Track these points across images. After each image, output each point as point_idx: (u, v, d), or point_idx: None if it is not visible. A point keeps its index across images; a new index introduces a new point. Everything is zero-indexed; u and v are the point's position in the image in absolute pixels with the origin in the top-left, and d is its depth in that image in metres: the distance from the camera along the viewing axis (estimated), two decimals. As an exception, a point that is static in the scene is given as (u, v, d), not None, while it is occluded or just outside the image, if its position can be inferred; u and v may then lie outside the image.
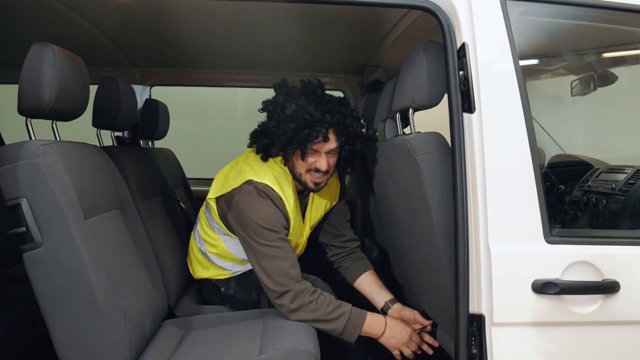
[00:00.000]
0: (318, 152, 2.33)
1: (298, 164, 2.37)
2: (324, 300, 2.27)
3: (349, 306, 2.31)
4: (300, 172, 2.38)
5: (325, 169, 2.33)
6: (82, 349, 1.81)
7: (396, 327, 2.38)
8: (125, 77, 3.66)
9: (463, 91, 1.83)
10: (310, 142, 2.28)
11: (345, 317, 2.27)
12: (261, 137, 2.37)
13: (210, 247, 2.60)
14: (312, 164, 2.34)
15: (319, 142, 2.29)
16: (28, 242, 1.73)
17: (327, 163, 2.34)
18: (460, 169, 1.84)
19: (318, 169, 2.34)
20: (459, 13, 1.85)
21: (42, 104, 1.79)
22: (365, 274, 2.71)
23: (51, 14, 2.55)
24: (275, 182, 2.35)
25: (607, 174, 2.69)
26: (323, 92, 2.37)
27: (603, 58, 2.96)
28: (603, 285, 1.80)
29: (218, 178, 2.51)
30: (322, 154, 2.33)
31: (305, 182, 2.39)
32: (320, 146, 2.31)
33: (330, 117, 2.27)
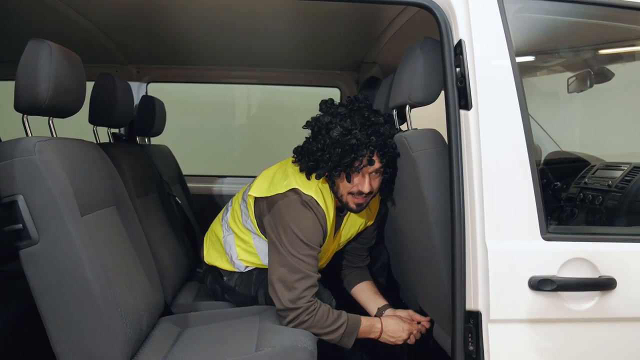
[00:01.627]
0: (362, 174, 2.30)
1: (342, 185, 2.34)
2: (322, 316, 2.24)
3: (344, 317, 2.29)
4: (342, 194, 2.35)
5: (368, 191, 2.30)
6: (79, 346, 1.81)
7: (391, 326, 2.39)
8: (122, 73, 3.65)
9: (460, 88, 1.83)
10: (355, 166, 2.25)
11: (342, 329, 2.26)
12: (305, 157, 2.34)
13: (239, 240, 2.60)
14: (355, 186, 2.31)
15: (365, 165, 2.26)
16: (24, 239, 1.72)
17: (370, 185, 2.30)
18: (457, 166, 1.84)
19: (361, 191, 2.31)
20: (456, 10, 1.85)
21: (39, 101, 1.79)
22: (363, 282, 2.72)
23: (48, 11, 2.54)
24: (320, 196, 2.34)
25: (603, 170, 2.69)
26: (369, 111, 2.33)
27: (599, 55, 2.96)
28: (599, 281, 1.81)
29: (263, 178, 2.50)
30: (365, 176, 2.30)
31: (347, 202, 2.37)
32: (365, 169, 2.28)
33: (375, 140, 2.23)
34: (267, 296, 2.45)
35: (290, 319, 2.21)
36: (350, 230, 2.62)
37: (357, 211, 2.40)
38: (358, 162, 2.24)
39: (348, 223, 2.59)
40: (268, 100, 5.23)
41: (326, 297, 2.44)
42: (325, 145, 2.25)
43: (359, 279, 2.73)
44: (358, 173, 2.29)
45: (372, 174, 2.31)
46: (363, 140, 2.21)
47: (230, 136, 5.31)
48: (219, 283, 2.69)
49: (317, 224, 2.29)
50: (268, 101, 5.23)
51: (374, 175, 2.31)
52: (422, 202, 2.03)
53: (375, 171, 2.30)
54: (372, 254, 2.88)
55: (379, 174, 2.33)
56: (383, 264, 2.95)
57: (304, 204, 2.29)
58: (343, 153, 2.21)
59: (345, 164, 2.23)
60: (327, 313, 2.25)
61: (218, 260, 2.68)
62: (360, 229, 2.67)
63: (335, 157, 2.22)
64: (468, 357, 1.87)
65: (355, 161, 2.24)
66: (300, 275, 2.23)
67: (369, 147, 2.22)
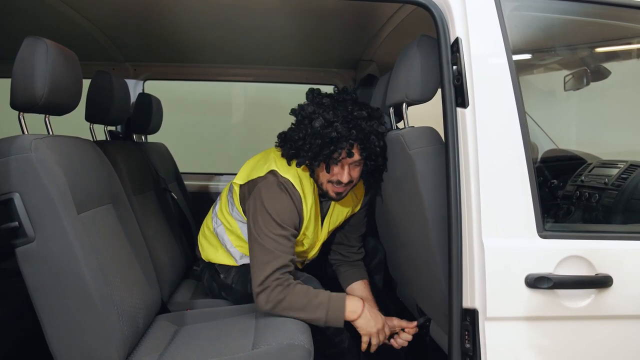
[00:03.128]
0: (341, 164, 2.34)
1: (321, 174, 2.38)
2: (298, 293, 2.25)
3: (326, 294, 2.30)
4: (322, 182, 2.40)
5: (346, 181, 2.35)
6: (75, 344, 1.81)
7: (372, 313, 2.37)
8: (118, 71, 3.65)
9: (456, 86, 1.83)
10: (334, 157, 2.30)
11: (324, 306, 2.26)
12: (288, 144, 2.39)
13: (227, 229, 2.63)
14: (335, 176, 2.36)
15: (343, 158, 2.31)
16: (20, 237, 1.72)
17: (349, 175, 2.35)
18: (454, 164, 1.84)
19: (340, 181, 2.35)
20: (453, 8, 1.85)
21: (35, 98, 1.79)
22: (357, 282, 2.75)
23: (44, 8, 2.54)
24: (297, 180, 2.38)
25: (600, 168, 2.70)
26: (353, 103, 2.37)
27: (596, 53, 2.97)
28: (596, 279, 1.81)
29: (247, 165, 2.57)
30: (344, 167, 2.34)
31: (327, 191, 2.41)
32: (345, 160, 2.33)
33: (356, 133, 2.27)
34: None
35: (264, 300, 2.23)
36: (338, 217, 2.66)
37: (337, 199, 2.45)
38: (337, 154, 2.29)
39: (335, 211, 2.63)
40: (264, 98, 5.23)
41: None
42: (307, 135, 2.30)
43: (353, 278, 2.75)
44: (337, 164, 2.33)
45: (352, 165, 2.35)
46: (343, 134, 2.25)
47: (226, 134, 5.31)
48: (215, 280, 2.69)
49: (292, 206, 2.34)
50: (264, 99, 5.23)
51: (353, 166, 2.36)
52: (419, 200, 2.03)
53: (355, 162, 2.35)
54: (368, 252, 2.88)
55: (359, 165, 2.38)
56: (380, 261, 2.96)
57: (280, 186, 2.35)
58: (323, 144, 2.26)
59: (324, 155, 2.28)
60: (304, 291, 2.27)
61: (213, 254, 2.69)
62: (347, 216, 2.71)
63: (315, 148, 2.27)
64: (465, 354, 1.87)
65: (335, 153, 2.28)
66: (272, 256, 2.26)
67: (348, 140, 2.27)
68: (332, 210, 2.62)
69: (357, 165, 2.37)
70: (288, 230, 2.32)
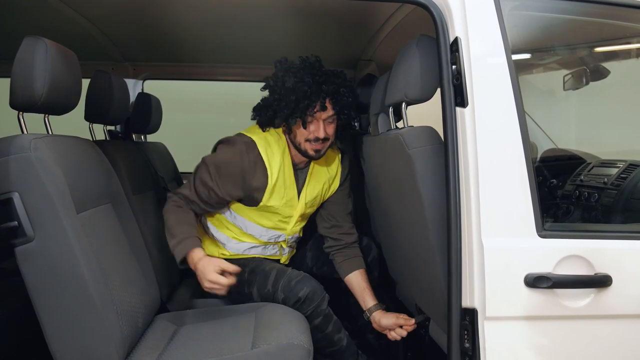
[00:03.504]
0: (317, 120, 2.50)
1: (299, 133, 2.53)
2: (177, 216, 2.52)
3: (186, 234, 2.46)
4: (300, 142, 2.54)
5: (323, 136, 2.50)
6: (75, 344, 1.81)
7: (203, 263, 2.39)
8: (118, 70, 3.64)
9: (456, 85, 1.83)
10: (309, 111, 2.46)
11: (177, 239, 2.44)
12: (264, 111, 2.56)
13: (208, 216, 2.76)
14: (312, 133, 2.51)
15: (318, 110, 2.47)
16: (20, 237, 1.72)
17: (324, 131, 2.50)
18: (453, 163, 1.84)
19: (317, 137, 2.50)
20: (452, 7, 1.85)
21: (34, 98, 1.79)
22: (353, 274, 2.75)
23: (43, 8, 2.53)
24: (263, 142, 2.56)
25: (599, 168, 2.70)
26: (320, 66, 2.55)
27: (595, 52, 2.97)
28: (595, 279, 1.81)
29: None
30: (320, 122, 2.50)
31: (306, 150, 2.55)
32: (319, 115, 2.49)
33: (326, 88, 2.46)
34: (262, 294, 2.51)
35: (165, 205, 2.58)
36: (315, 188, 2.75)
37: (316, 157, 2.58)
38: (311, 108, 2.46)
39: (311, 181, 2.74)
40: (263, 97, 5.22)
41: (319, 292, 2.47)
42: (282, 94, 2.48)
43: (351, 269, 2.77)
44: (313, 119, 2.50)
45: (327, 121, 2.53)
46: (315, 88, 2.45)
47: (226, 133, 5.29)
48: None
49: (238, 160, 2.51)
50: (263, 98, 5.22)
51: (328, 122, 2.53)
52: (418, 200, 2.03)
53: (329, 118, 2.53)
54: (362, 250, 2.88)
55: (333, 121, 2.56)
56: (373, 259, 2.97)
57: (239, 142, 2.54)
58: (297, 100, 2.44)
59: (300, 109, 2.45)
60: (181, 219, 2.52)
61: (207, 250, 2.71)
62: (325, 192, 2.81)
63: (291, 104, 2.45)
64: (464, 354, 1.87)
65: (309, 107, 2.45)
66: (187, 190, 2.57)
67: (320, 94, 2.45)
68: (308, 181, 2.72)
69: (331, 121, 2.55)
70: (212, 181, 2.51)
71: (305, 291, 2.42)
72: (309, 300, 2.42)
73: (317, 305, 2.43)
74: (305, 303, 2.42)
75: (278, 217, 2.66)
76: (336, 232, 2.84)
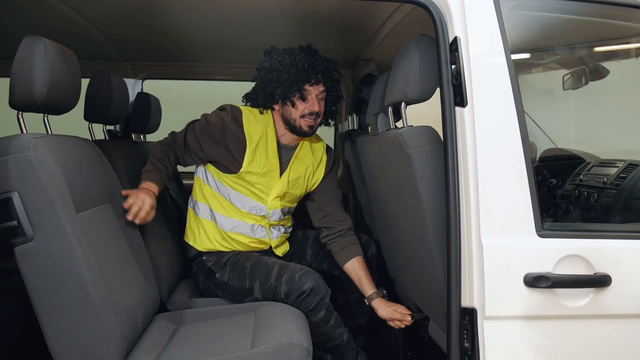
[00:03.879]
0: (311, 95, 2.67)
1: (294, 110, 2.68)
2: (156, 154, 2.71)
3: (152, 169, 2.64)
4: (295, 118, 2.68)
5: (317, 109, 2.67)
6: (74, 343, 1.81)
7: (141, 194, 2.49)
8: (117, 70, 3.65)
9: (455, 85, 1.83)
10: (308, 84, 2.64)
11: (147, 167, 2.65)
12: (260, 92, 2.73)
13: (195, 194, 2.90)
14: (307, 108, 2.66)
15: (314, 84, 2.66)
16: (19, 236, 1.72)
17: (319, 105, 2.68)
18: (453, 163, 1.84)
19: (312, 111, 2.66)
20: (451, 7, 1.85)
21: (34, 98, 1.79)
22: (351, 262, 2.79)
23: (43, 7, 2.53)
24: (249, 112, 2.74)
25: (598, 167, 2.70)
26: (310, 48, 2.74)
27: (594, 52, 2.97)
28: (594, 278, 1.81)
29: None
30: (314, 97, 2.67)
31: (300, 126, 2.69)
32: (314, 89, 2.66)
33: (319, 64, 2.65)
34: (264, 288, 2.52)
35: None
36: (298, 169, 2.84)
37: (309, 133, 2.73)
38: (309, 82, 2.65)
39: (295, 162, 2.84)
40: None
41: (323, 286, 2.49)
42: (280, 71, 2.64)
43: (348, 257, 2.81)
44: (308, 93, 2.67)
45: (318, 97, 2.69)
46: (311, 63, 2.64)
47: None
48: (211, 280, 2.71)
49: (220, 123, 2.67)
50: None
51: (319, 99, 2.69)
52: (417, 199, 2.03)
53: (320, 94, 2.70)
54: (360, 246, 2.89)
55: (322, 99, 2.72)
56: (372, 256, 2.98)
57: (228, 108, 2.73)
58: (297, 73, 2.62)
59: (301, 81, 2.63)
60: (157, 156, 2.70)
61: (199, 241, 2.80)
62: (310, 177, 2.90)
63: (292, 77, 2.63)
64: (463, 353, 1.87)
65: (308, 80, 2.64)
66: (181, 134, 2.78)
67: (315, 68, 2.64)
68: (292, 162, 2.82)
69: (322, 99, 2.71)
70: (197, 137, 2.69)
71: (309, 284, 2.43)
72: (314, 293, 2.43)
73: (320, 299, 2.44)
74: (310, 296, 2.43)
75: (258, 187, 2.73)
76: (330, 221, 2.90)
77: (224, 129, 2.66)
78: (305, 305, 2.42)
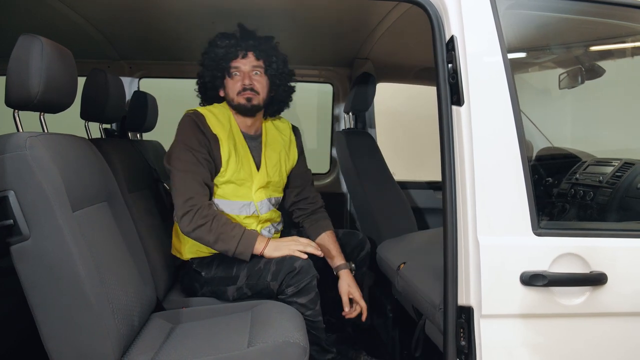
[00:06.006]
0: (242, 72, 2.67)
1: (230, 90, 2.70)
2: (219, 221, 2.47)
3: (242, 229, 2.51)
4: (233, 97, 2.69)
5: (248, 82, 2.65)
6: (70, 342, 1.81)
7: (277, 242, 2.55)
8: (114, 69, 3.64)
9: (452, 84, 1.84)
10: (234, 60, 2.66)
11: (237, 238, 2.46)
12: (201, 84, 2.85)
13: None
14: (238, 82, 2.67)
15: (241, 58, 2.66)
16: (15, 235, 1.72)
17: (250, 79, 2.66)
18: (449, 162, 1.84)
19: (244, 85, 2.65)
20: (448, 6, 1.85)
21: (30, 96, 1.78)
22: (321, 236, 2.88)
23: (39, 6, 2.53)
24: (206, 111, 2.69)
25: (594, 166, 2.70)
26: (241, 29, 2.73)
27: (591, 51, 2.97)
28: (590, 277, 1.82)
29: None
30: (246, 72, 2.67)
31: (239, 103, 2.67)
32: (243, 63, 2.66)
33: (245, 40, 2.67)
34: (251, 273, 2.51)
35: (188, 221, 2.45)
36: (273, 156, 2.84)
37: (249, 107, 2.68)
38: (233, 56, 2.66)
39: (268, 149, 2.83)
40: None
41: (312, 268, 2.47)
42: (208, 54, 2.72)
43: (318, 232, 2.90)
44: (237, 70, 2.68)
45: (253, 73, 2.69)
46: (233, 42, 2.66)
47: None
48: (197, 281, 2.67)
49: (197, 130, 2.59)
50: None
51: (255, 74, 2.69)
52: None
53: (255, 69, 2.69)
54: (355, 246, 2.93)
55: (260, 74, 2.71)
56: (367, 254, 2.98)
57: (188, 117, 2.63)
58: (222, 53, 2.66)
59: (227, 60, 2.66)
60: (223, 221, 2.50)
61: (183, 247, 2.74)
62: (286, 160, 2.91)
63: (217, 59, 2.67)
64: (460, 352, 1.87)
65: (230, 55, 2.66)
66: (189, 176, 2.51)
67: (240, 44, 2.66)
68: (264, 150, 2.81)
69: (259, 74, 2.70)
70: (199, 152, 2.55)
71: (300, 263, 2.42)
72: (305, 271, 2.41)
73: (310, 279, 2.42)
74: (300, 274, 2.41)
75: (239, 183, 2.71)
76: (303, 204, 2.98)
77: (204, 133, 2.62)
78: (296, 283, 2.40)
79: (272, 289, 2.43)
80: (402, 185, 3.59)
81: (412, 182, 3.98)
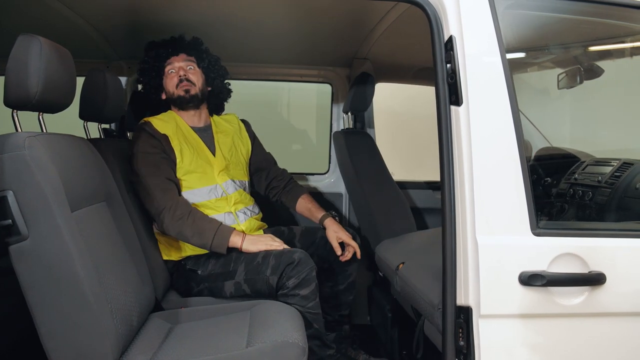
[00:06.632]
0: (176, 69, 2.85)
1: (169, 87, 2.87)
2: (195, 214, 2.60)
3: (217, 223, 2.62)
4: (173, 92, 2.85)
5: (182, 74, 2.82)
6: (69, 342, 1.80)
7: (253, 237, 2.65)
8: (113, 69, 3.64)
9: (450, 84, 1.84)
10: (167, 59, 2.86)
11: (213, 231, 2.57)
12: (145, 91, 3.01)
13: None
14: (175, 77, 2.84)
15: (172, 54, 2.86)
16: (14, 235, 1.72)
17: (185, 72, 2.83)
18: (448, 161, 1.84)
19: (180, 77, 2.82)
20: (447, 6, 1.85)
21: (29, 96, 1.78)
22: (299, 201, 3.08)
23: (38, 5, 2.53)
24: (152, 118, 2.80)
25: (593, 166, 2.71)
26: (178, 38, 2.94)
27: (589, 51, 2.98)
28: (589, 277, 1.82)
29: None
30: (179, 67, 2.85)
31: (179, 95, 2.84)
32: (176, 60, 2.85)
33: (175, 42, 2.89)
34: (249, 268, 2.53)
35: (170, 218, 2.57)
36: (225, 142, 2.98)
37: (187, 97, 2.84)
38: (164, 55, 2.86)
39: (219, 137, 2.97)
40: (259, 96, 5.22)
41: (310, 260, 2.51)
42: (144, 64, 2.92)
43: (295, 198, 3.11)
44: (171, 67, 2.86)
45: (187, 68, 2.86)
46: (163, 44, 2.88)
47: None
48: (193, 280, 2.68)
49: (148, 137, 2.70)
50: (259, 97, 5.22)
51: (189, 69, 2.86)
52: None
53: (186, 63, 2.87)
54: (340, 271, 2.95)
55: (193, 68, 2.88)
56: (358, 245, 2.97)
57: (139, 127, 2.77)
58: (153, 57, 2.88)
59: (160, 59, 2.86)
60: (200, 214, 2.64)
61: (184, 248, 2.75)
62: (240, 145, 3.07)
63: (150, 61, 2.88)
64: (459, 352, 1.87)
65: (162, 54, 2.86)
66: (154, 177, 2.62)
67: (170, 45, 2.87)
68: (216, 139, 2.94)
69: (193, 69, 2.87)
70: (155, 154, 2.67)
71: (298, 255, 2.46)
72: (304, 262, 2.45)
73: (310, 270, 2.45)
74: (300, 265, 2.44)
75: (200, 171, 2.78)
76: (275, 182, 3.15)
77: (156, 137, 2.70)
78: (297, 275, 2.42)
79: (271, 284, 2.44)
80: (401, 185, 3.59)
81: (411, 182, 3.97)
